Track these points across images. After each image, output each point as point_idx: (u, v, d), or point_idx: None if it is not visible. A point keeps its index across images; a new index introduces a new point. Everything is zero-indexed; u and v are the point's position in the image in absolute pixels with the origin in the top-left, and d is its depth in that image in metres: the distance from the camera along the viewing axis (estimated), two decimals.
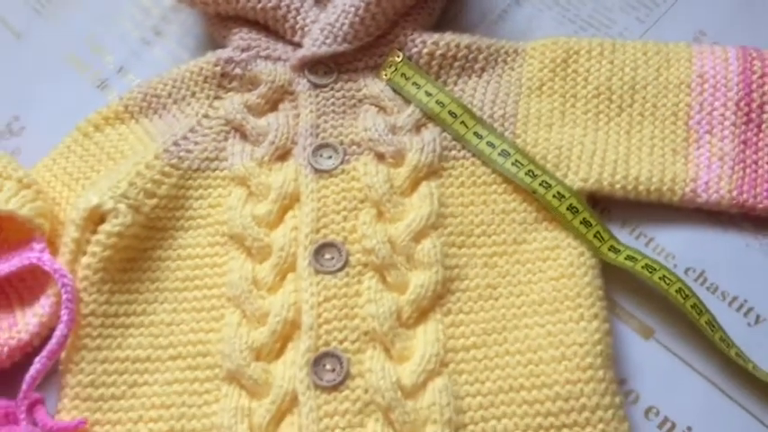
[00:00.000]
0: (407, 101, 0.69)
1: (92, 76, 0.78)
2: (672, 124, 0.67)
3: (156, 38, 0.80)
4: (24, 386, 0.58)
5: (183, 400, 0.60)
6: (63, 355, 0.61)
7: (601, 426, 0.56)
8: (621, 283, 0.64)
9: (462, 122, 0.67)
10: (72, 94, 0.77)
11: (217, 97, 0.71)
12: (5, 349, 0.61)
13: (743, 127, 0.66)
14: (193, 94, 0.71)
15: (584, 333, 0.59)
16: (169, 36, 0.80)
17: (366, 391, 0.58)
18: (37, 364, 0.58)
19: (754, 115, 0.66)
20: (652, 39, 0.72)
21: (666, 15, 0.76)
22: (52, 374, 0.61)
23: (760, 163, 0.65)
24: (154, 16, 0.81)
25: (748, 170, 0.65)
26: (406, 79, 0.69)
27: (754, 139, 0.66)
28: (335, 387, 0.58)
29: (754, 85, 0.67)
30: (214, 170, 0.68)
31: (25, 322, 0.62)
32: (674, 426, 0.59)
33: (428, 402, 0.57)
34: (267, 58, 0.71)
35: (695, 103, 0.68)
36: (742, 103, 0.67)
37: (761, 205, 0.64)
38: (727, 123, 0.66)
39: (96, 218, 0.63)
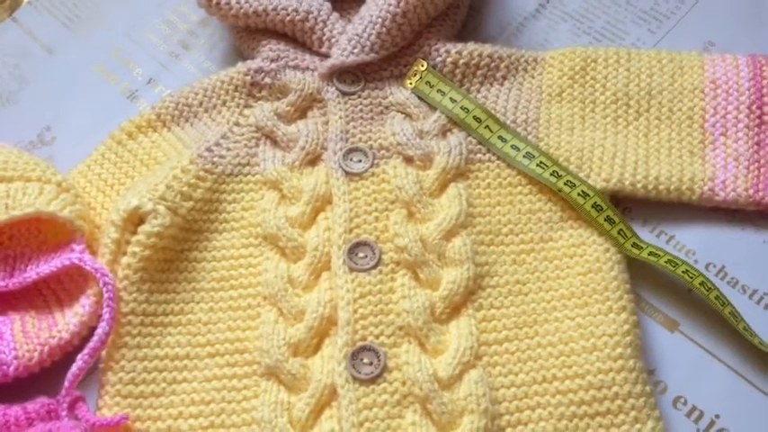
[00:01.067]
0: (432, 107, 0.71)
1: (121, 88, 0.80)
2: (688, 127, 0.70)
3: (184, 51, 0.82)
4: (66, 383, 0.58)
5: (223, 396, 0.60)
6: (103, 353, 0.62)
7: (633, 413, 0.58)
8: (645, 279, 0.66)
9: (487, 127, 0.70)
10: (102, 104, 0.78)
11: (247, 106, 0.73)
12: (46, 348, 0.61)
13: (755, 129, 0.69)
14: (224, 103, 0.73)
15: (614, 324, 0.61)
16: (197, 49, 0.82)
17: (404, 384, 0.59)
18: (79, 362, 0.59)
19: (766, 118, 0.69)
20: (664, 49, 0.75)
21: (677, 27, 0.79)
22: (90, 374, 0.61)
23: None
24: (181, 31, 0.83)
25: (763, 169, 0.67)
26: (431, 87, 0.72)
27: (767, 140, 0.69)
28: (373, 380, 0.59)
29: (765, 90, 0.70)
30: (246, 175, 0.70)
31: (65, 322, 0.62)
32: (702, 414, 0.61)
33: (464, 393, 0.58)
34: (296, 67, 0.73)
35: (709, 107, 0.70)
36: (754, 107, 0.70)
37: None
38: (740, 126, 0.69)
39: (135, 219, 0.65)
